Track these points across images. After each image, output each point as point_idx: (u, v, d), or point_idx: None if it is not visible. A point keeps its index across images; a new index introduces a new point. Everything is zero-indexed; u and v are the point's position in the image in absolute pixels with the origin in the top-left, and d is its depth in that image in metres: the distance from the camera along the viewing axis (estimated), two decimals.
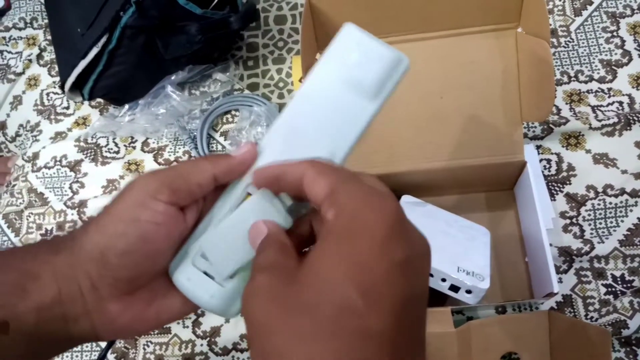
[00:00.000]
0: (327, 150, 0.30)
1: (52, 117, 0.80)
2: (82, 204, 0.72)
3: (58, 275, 0.28)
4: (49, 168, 0.76)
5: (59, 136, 0.78)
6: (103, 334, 0.29)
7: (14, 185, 0.77)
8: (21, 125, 0.82)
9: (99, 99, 0.77)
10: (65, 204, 0.73)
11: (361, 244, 0.22)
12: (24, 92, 0.83)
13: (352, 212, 0.23)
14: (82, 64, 0.66)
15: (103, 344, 0.63)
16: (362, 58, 0.30)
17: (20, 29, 0.87)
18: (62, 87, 0.70)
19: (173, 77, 0.72)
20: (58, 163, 0.76)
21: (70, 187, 0.74)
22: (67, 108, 0.80)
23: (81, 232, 0.29)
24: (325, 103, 0.31)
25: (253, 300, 0.23)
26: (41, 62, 0.85)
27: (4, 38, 0.87)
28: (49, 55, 0.85)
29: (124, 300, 0.29)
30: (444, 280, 0.50)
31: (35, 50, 0.85)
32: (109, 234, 0.28)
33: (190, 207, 0.30)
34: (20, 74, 0.84)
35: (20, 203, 0.75)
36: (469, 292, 0.50)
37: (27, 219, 0.74)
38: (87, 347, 0.65)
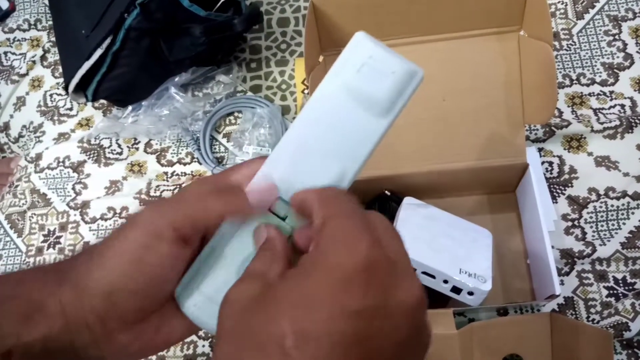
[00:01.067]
0: (336, 170, 0.28)
1: (56, 118, 0.80)
2: (85, 204, 0.73)
3: (65, 306, 0.27)
4: (52, 169, 0.76)
5: (62, 137, 0.79)
6: None
7: (17, 186, 0.77)
8: (24, 126, 0.82)
9: (102, 100, 0.78)
10: (68, 204, 0.74)
11: (316, 283, 0.21)
12: (27, 93, 0.84)
13: (325, 249, 0.22)
14: (86, 66, 0.66)
15: None
16: (374, 71, 0.28)
17: (24, 31, 0.88)
18: (65, 88, 0.70)
19: (176, 79, 0.72)
20: (61, 164, 0.76)
21: (73, 188, 0.75)
22: (71, 109, 0.81)
23: (83, 267, 0.28)
24: (335, 119, 0.29)
25: (225, 306, 0.24)
26: (45, 63, 0.85)
27: (8, 39, 0.88)
28: (53, 56, 0.85)
29: (133, 329, 0.28)
30: (446, 281, 0.50)
31: (39, 52, 0.85)
32: (114, 274, 0.27)
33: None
34: (24, 75, 0.85)
35: (23, 204, 0.75)
36: (470, 293, 0.50)
37: (30, 220, 0.74)
38: None
